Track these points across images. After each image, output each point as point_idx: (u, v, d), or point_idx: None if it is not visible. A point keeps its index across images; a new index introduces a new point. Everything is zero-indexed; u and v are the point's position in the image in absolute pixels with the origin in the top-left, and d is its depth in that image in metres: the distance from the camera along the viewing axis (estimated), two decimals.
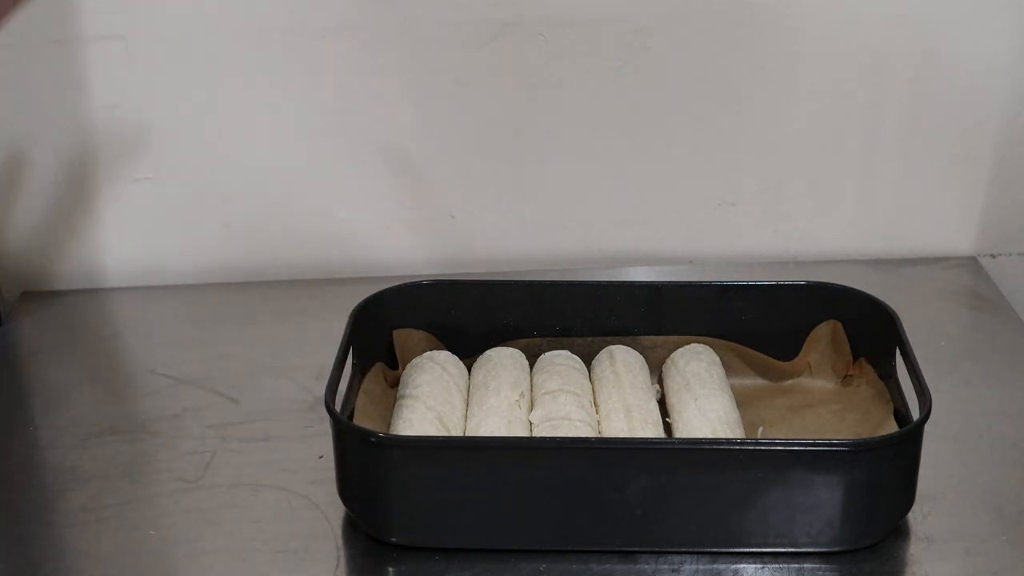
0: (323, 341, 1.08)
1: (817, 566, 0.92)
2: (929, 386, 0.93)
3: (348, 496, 0.96)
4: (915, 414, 0.94)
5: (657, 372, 1.10)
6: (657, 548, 0.93)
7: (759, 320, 1.10)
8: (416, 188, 1.35)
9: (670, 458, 0.91)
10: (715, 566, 0.92)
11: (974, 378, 1.15)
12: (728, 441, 0.95)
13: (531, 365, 1.09)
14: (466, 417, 1.03)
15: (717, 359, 1.08)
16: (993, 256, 1.39)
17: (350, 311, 1.05)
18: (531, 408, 1.02)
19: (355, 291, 1.11)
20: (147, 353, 1.24)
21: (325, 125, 1.32)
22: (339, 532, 0.97)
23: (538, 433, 0.98)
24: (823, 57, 1.31)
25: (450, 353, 1.09)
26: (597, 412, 1.03)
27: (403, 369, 1.08)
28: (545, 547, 0.93)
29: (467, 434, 1.00)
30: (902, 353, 1.00)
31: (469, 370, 1.09)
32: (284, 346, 1.23)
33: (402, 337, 1.10)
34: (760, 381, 1.10)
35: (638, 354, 1.09)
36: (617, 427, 0.99)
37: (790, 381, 1.10)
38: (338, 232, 1.36)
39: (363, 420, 0.99)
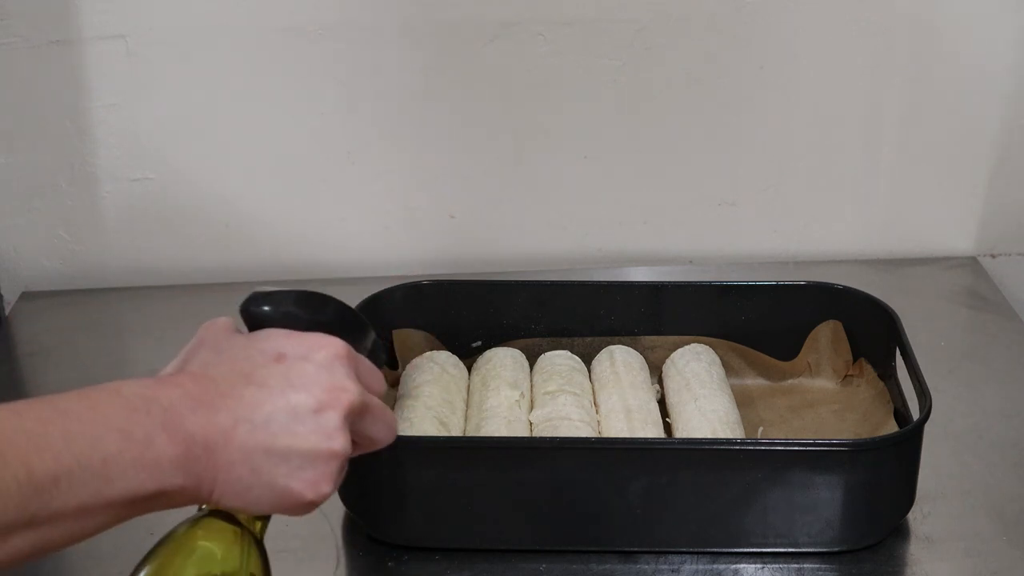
0: None
1: (817, 566, 0.92)
2: (929, 386, 0.93)
3: (348, 496, 0.96)
4: (915, 414, 0.94)
5: (657, 372, 1.10)
6: (657, 548, 0.93)
7: (759, 320, 1.10)
8: (416, 188, 1.35)
9: (670, 458, 0.91)
10: (715, 566, 0.92)
11: (974, 378, 1.15)
12: (728, 441, 0.95)
13: (531, 365, 1.09)
14: (466, 417, 1.03)
15: (717, 359, 1.08)
16: (993, 256, 1.39)
17: None
18: (531, 408, 1.02)
19: (355, 291, 1.10)
20: (147, 353, 1.24)
21: (325, 125, 1.32)
22: (339, 532, 0.97)
23: (538, 433, 0.98)
24: (823, 57, 1.31)
25: (450, 353, 1.09)
26: (597, 412, 1.03)
27: (403, 369, 1.08)
28: (545, 547, 0.93)
29: (467, 434, 1.00)
30: (902, 353, 1.00)
31: (469, 370, 1.09)
32: None
33: (402, 337, 1.10)
34: (760, 381, 1.10)
35: (638, 354, 1.09)
36: (617, 427, 0.99)
37: (790, 381, 1.10)
38: (338, 232, 1.36)
39: None
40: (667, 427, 1.03)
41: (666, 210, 1.37)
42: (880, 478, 0.91)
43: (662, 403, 1.06)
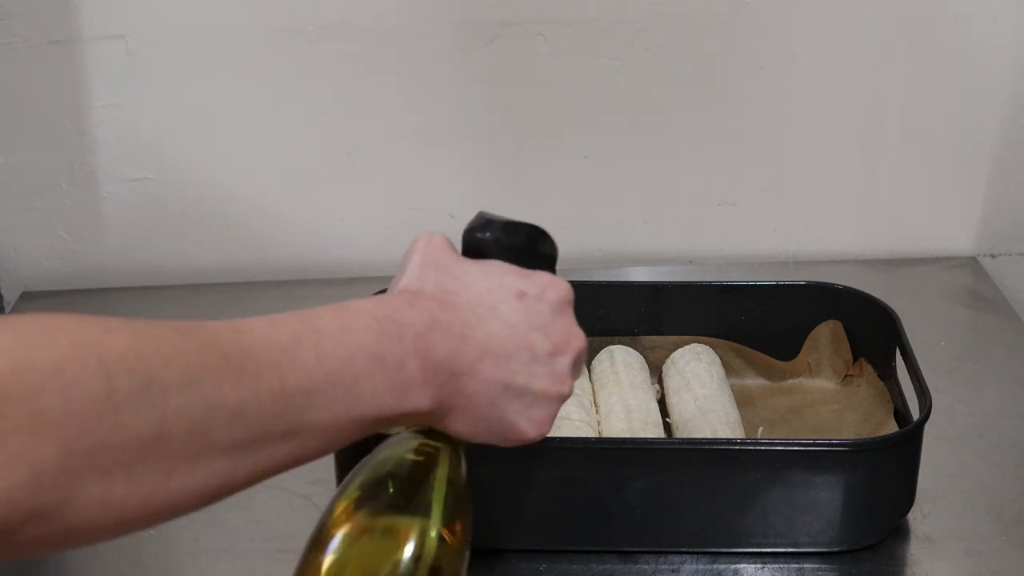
0: None
1: (817, 566, 0.92)
2: (929, 386, 0.93)
3: None
4: (915, 414, 0.94)
5: (657, 372, 1.10)
6: (657, 548, 0.93)
7: (759, 320, 1.10)
8: (416, 188, 1.35)
9: (670, 458, 0.91)
10: (715, 566, 0.92)
11: (974, 378, 1.15)
12: (728, 441, 0.95)
13: None
14: None
15: (717, 359, 1.08)
16: (993, 256, 1.39)
17: None
18: None
19: (355, 291, 1.10)
20: None
21: (325, 125, 1.32)
22: None
23: None
24: (823, 57, 1.31)
25: None
26: (597, 412, 1.03)
27: None
28: (545, 547, 0.93)
29: None
30: (902, 353, 1.00)
31: None
32: None
33: None
34: (760, 381, 1.10)
35: (638, 354, 1.09)
36: (617, 427, 0.99)
37: (790, 381, 1.10)
38: (338, 232, 1.36)
39: None
40: (667, 427, 1.03)
41: (666, 210, 1.37)
42: (880, 478, 0.91)
43: (662, 403, 1.06)
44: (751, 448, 0.90)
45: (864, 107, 1.33)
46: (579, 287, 1.09)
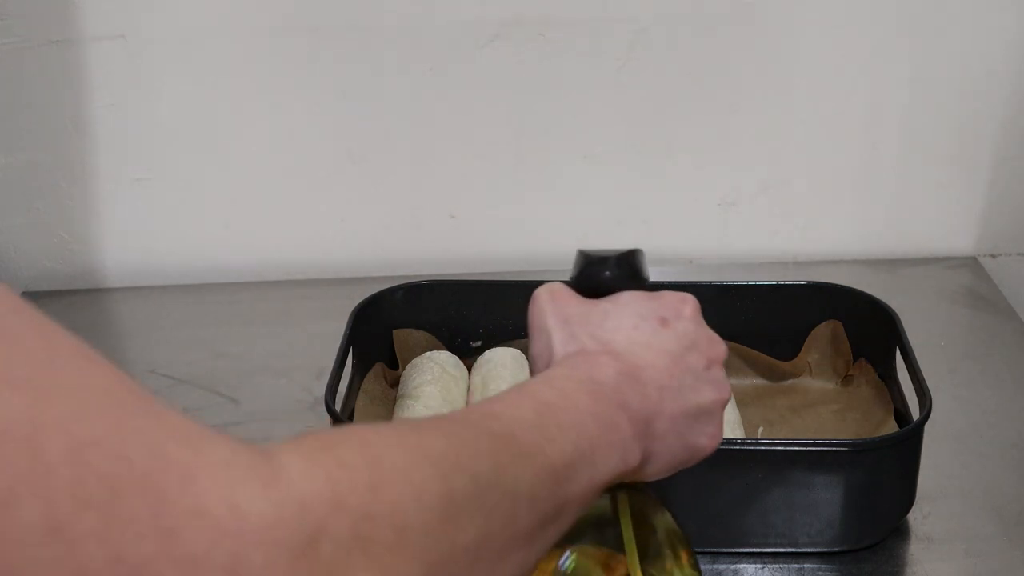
0: (323, 341, 1.08)
1: (817, 566, 0.92)
2: (929, 386, 0.93)
3: None
4: (915, 414, 0.94)
5: None
6: None
7: (759, 320, 1.10)
8: (416, 188, 1.35)
9: None
10: (715, 566, 0.92)
11: (974, 378, 1.15)
12: (728, 441, 0.94)
13: None
14: None
15: None
16: (993, 256, 1.39)
17: (350, 311, 1.05)
18: None
19: (355, 291, 1.11)
20: (147, 353, 1.24)
21: (325, 125, 1.32)
22: None
23: None
24: (823, 57, 1.31)
25: (450, 353, 1.09)
26: None
27: (403, 369, 1.08)
28: None
29: None
30: (902, 353, 1.00)
31: (469, 370, 1.09)
32: (284, 346, 1.23)
33: (402, 337, 1.10)
34: (760, 381, 1.10)
35: None
36: None
37: (790, 381, 1.10)
38: (338, 232, 1.36)
39: (363, 420, 0.99)
40: None
41: (666, 210, 1.37)
42: (880, 478, 0.91)
43: None
44: (751, 448, 0.90)
45: (864, 107, 1.33)
46: None
